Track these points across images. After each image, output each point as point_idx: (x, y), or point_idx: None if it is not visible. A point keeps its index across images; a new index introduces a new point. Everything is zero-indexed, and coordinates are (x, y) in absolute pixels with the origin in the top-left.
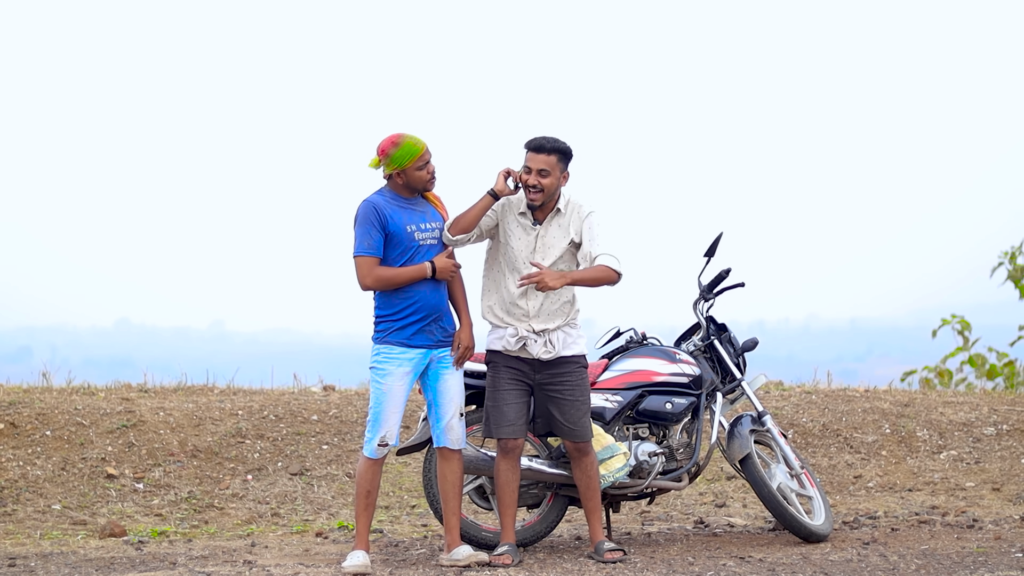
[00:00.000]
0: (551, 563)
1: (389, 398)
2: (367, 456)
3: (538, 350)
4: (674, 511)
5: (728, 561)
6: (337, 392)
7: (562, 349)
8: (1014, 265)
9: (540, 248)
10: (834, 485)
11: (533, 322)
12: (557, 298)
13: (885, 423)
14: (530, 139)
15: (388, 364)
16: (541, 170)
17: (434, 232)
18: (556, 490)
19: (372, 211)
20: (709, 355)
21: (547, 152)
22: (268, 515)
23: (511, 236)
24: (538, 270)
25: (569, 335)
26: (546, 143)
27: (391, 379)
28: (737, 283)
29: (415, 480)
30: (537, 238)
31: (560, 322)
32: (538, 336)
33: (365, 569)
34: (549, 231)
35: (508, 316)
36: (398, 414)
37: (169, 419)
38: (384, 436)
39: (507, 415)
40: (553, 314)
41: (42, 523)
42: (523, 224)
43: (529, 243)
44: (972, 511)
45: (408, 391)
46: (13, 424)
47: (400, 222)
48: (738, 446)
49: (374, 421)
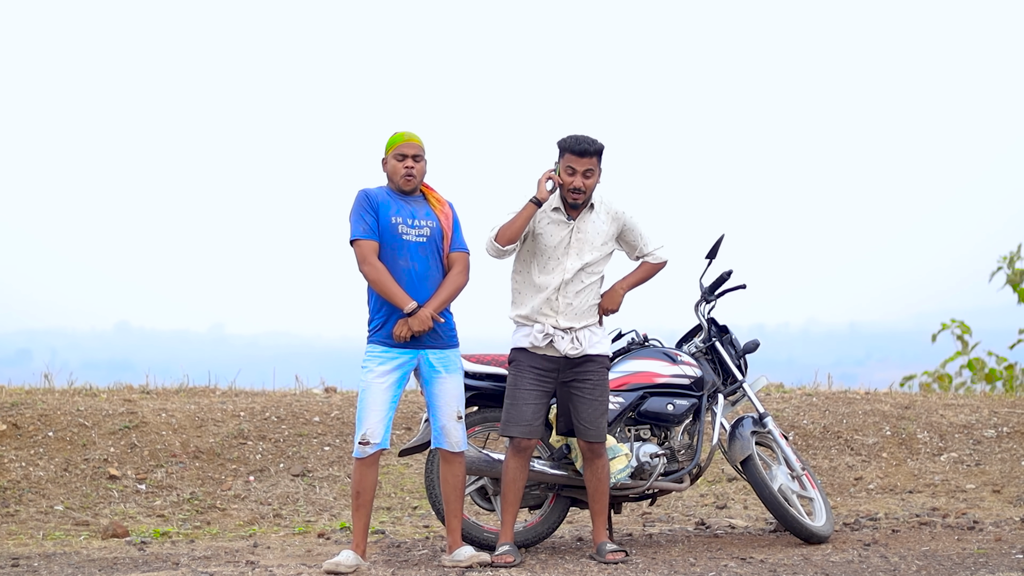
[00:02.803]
0: (552, 563)
1: (369, 396)
2: (353, 456)
3: (565, 346)
4: (675, 512)
5: (729, 562)
6: (339, 394)
7: (588, 347)
8: (1013, 269)
9: (575, 242)
10: (835, 487)
11: (560, 319)
12: (586, 299)
13: (886, 425)
14: (570, 141)
15: (371, 363)
16: (586, 171)
17: (422, 230)
18: (558, 491)
19: (362, 196)
20: (710, 357)
21: (591, 155)
22: (270, 516)
23: (543, 234)
24: (605, 306)
25: (595, 334)
26: (589, 146)
27: (372, 377)
28: (738, 285)
29: (417, 481)
30: (572, 232)
31: (587, 321)
32: (565, 333)
33: (336, 567)
34: (585, 225)
35: (536, 314)
36: (380, 413)
37: (171, 420)
38: (365, 434)
39: (525, 414)
40: (581, 314)
41: (45, 524)
42: (556, 220)
43: (564, 237)
44: (972, 513)
45: (395, 392)
46: (16, 425)
47: (386, 214)
48: (739, 447)
49: (358, 420)
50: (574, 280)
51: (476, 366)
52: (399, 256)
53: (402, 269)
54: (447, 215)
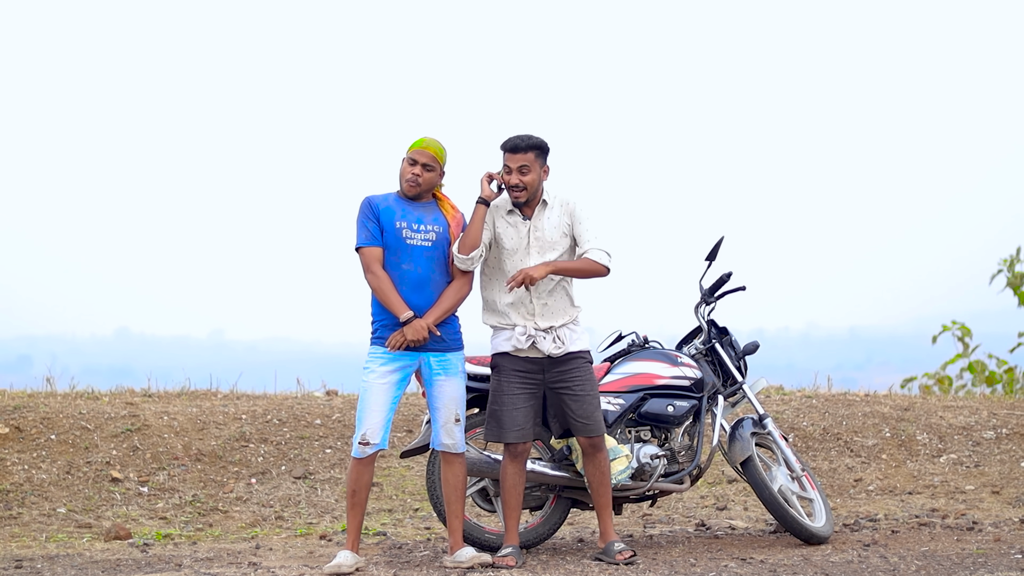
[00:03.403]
0: (554, 564)
1: (370, 397)
2: (352, 455)
3: (548, 346)
4: (675, 514)
5: (730, 562)
6: (340, 397)
7: (571, 345)
8: (1013, 272)
9: (535, 241)
10: (834, 488)
11: (538, 320)
12: (559, 297)
13: (885, 427)
14: (505, 140)
15: (371, 363)
16: (521, 167)
17: (428, 234)
18: (559, 492)
19: (365, 205)
20: (710, 358)
21: (524, 150)
22: (272, 518)
23: (503, 237)
24: (519, 271)
25: (574, 331)
26: (521, 142)
27: (373, 377)
28: (738, 287)
29: (417, 483)
30: (530, 231)
31: (565, 320)
32: (546, 333)
33: (339, 569)
34: (541, 223)
35: (513, 317)
36: (379, 413)
37: (173, 423)
38: (364, 434)
39: (517, 419)
40: (557, 313)
41: (47, 526)
42: (513, 222)
43: (522, 238)
44: (972, 514)
45: (395, 393)
46: (18, 428)
47: (390, 219)
48: (739, 448)
49: (357, 420)
50: (544, 280)
51: (478, 368)
52: (402, 260)
53: (404, 272)
54: (458, 221)
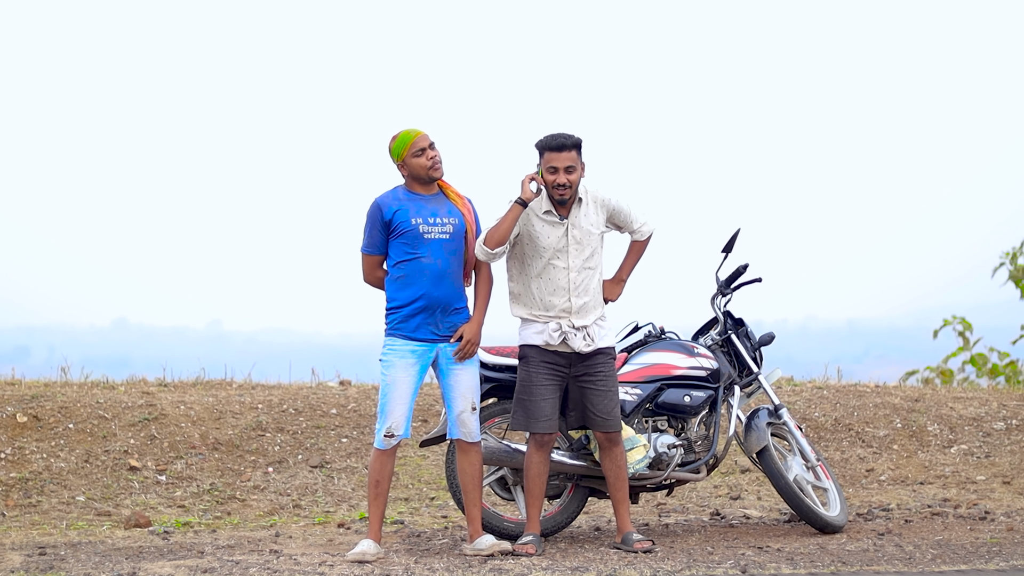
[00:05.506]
0: (572, 552)
1: (393, 390)
2: (376, 447)
3: (579, 343)
4: (690, 503)
5: (747, 551)
6: (354, 387)
7: (599, 342)
8: (1015, 265)
9: (572, 240)
10: (847, 478)
11: (574, 318)
12: (594, 296)
13: (896, 418)
14: (546, 140)
15: (392, 356)
16: (568, 167)
17: (445, 227)
18: (577, 481)
19: (375, 209)
20: (726, 349)
21: (569, 149)
22: (290, 507)
23: (539, 236)
24: (608, 299)
25: (602, 327)
26: (567, 140)
27: (395, 371)
28: (755, 278)
29: (434, 472)
30: (568, 230)
31: (596, 317)
32: (578, 331)
33: (363, 557)
34: (578, 221)
35: (547, 313)
36: (404, 405)
37: (190, 412)
38: (390, 427)
39: (544, 410)
40: (591, 311)
41: (67, 514)
42: (549, 221)
43: (560, 238)
44: (983, 504)
45: (416, 384)
46: (36, 417)
47: (406, 216)
48: (755, 439)
49: (381, 412)
50: (581, 278)
51: (494, 358)
52: (422, 254)
53: (424, 265)
54: (469, 210)
